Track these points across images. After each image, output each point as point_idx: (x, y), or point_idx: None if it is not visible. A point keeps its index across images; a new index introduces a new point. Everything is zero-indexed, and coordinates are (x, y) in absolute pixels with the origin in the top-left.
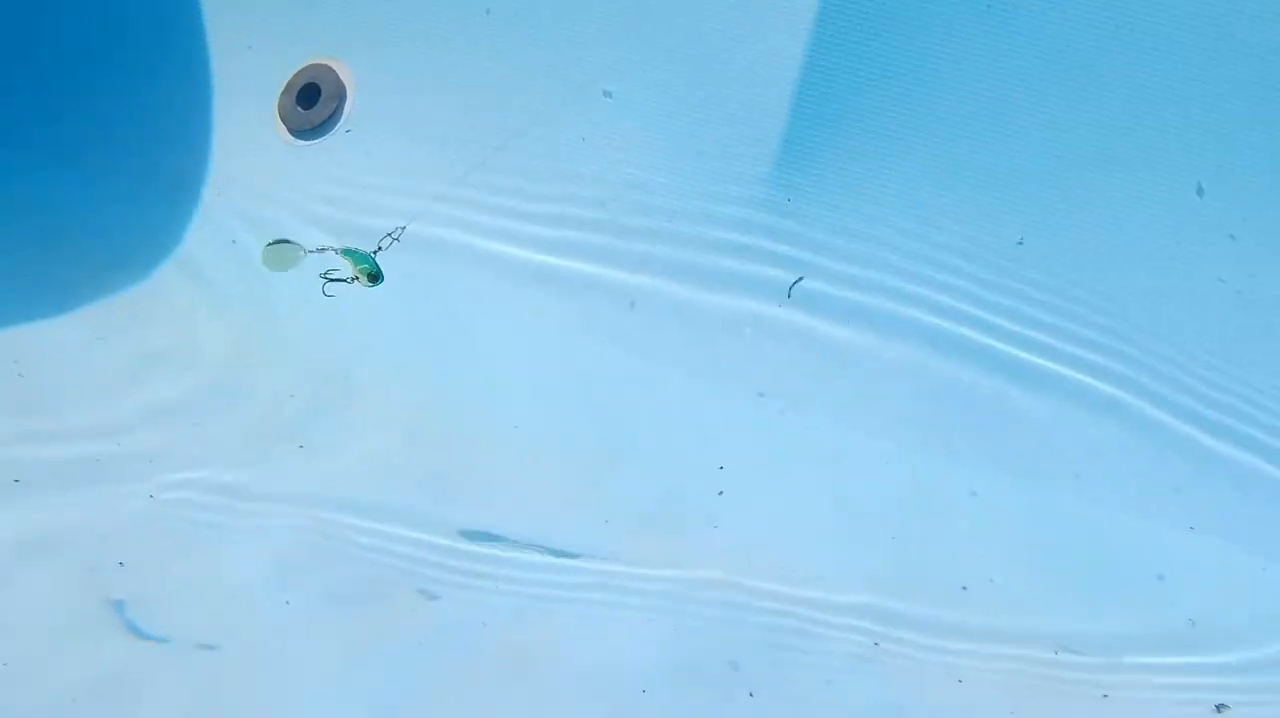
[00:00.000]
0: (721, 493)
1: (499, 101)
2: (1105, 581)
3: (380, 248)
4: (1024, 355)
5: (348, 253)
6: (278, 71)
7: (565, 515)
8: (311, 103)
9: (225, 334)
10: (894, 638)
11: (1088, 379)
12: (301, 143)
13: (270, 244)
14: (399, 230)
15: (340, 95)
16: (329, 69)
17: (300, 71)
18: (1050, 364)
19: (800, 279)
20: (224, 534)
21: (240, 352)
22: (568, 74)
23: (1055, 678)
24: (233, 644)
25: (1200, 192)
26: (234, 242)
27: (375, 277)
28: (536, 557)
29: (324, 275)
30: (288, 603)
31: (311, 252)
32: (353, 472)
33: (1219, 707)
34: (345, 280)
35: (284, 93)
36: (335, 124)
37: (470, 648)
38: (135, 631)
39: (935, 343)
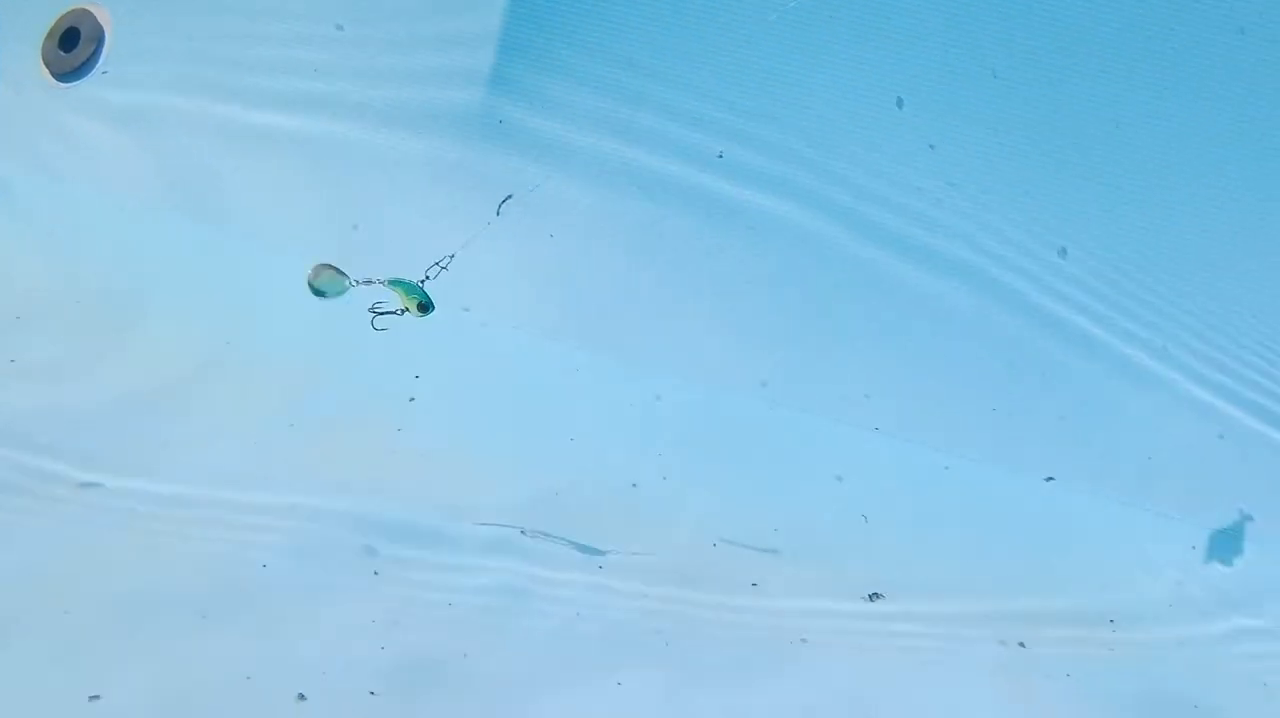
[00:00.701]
0: (413, 399)
1: (245, 34)
2: (783, 479)
3: (427, 277)
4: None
5: (395, 284)
6: (41, 17)
7: (249, 427)
8: (71, 46)
9: None
10: (543, 530)
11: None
12: (63, 85)
13: (320, 264)
14: (447, 259)
15: (98, 38)
16: (87, 13)
17: (63, 16)
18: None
19: (509, 197)
20: None
21: None
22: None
23: (707, 567)
24: None
25: (900, 104)
26: None
27: (425, 306)
28: (189, 458)
29: (372, 309)
30: None
31: (358, 283)
32: (46, 384)
33: (872, 596)
34: (395, 313)
35: (47, 37)
36: (93, 66)
37: (113, 531)
38: None
39: (634, 252)
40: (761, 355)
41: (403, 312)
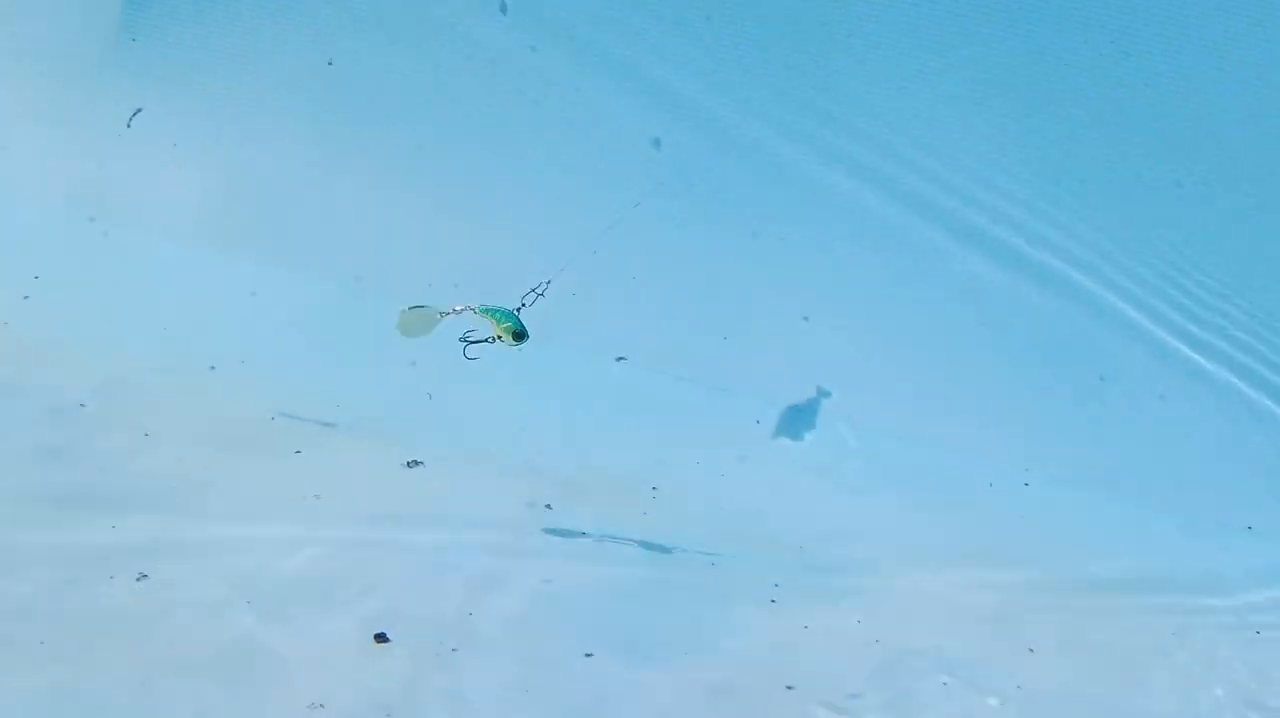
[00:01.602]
0: (27, 298)
1: None
2: (360, 362)
3: (524, 304)
4: None
5: (487, 311)
6: None
7: None
8: None
9: None
10: (106, 404)
11: None
12: None
13: (406, 309)
14: (543, 285)
15: None
16: None
17: None
18: None
19: (139, 111)
20: None
21: None
22: None
23: (254, 437)
24: None
25: (504, 9)
26: None
27: (520, 334)
28: None
29: (463, 338)
30: None
31: (446, 313)
32: None
33: (411, 463)
34: (487, 340)
35: None
36: None
37: None
38: None
39: (246, 158)
40: (358, 249)
41: (495, 339)
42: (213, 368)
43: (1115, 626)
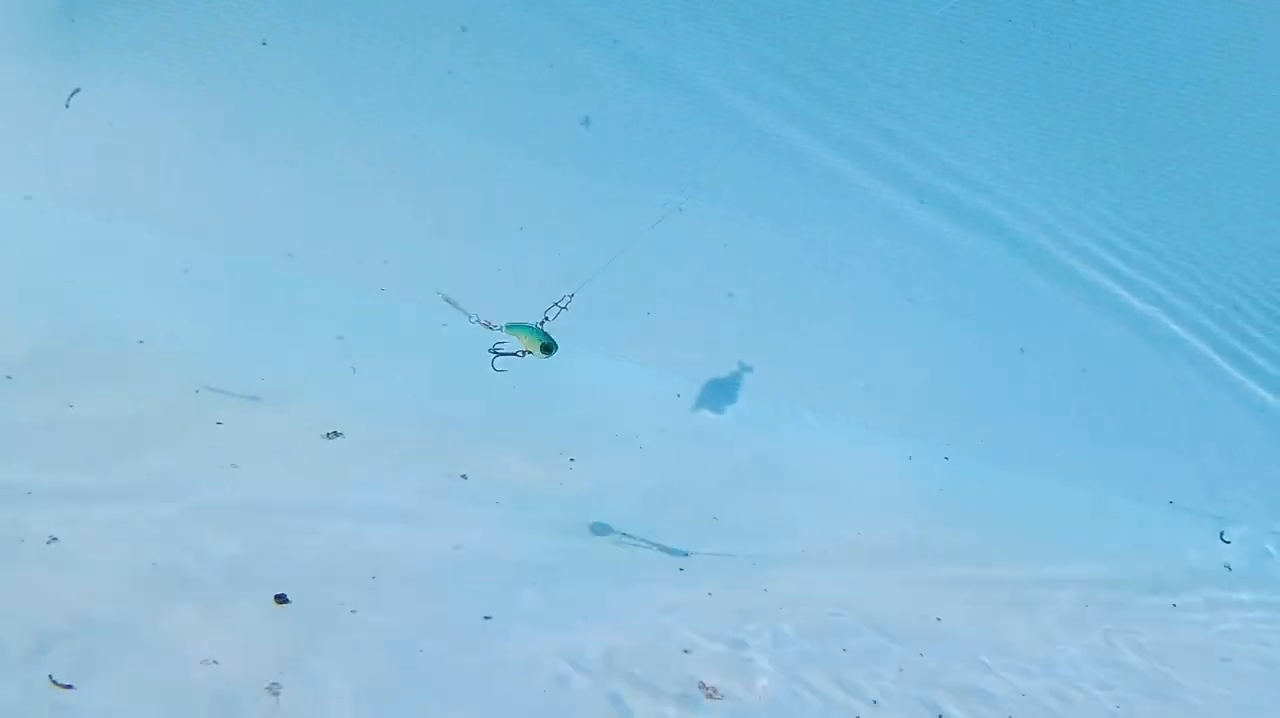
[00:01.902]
0: None
1: None
2: (288, 337)
3: (546, 318)
4: None
5: (513, 328)
6: None
7: None
8: None
9: None
10: (37, 376)
11: None
12: None
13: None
14: (566, 299)
15: None
16: None
17: None
18: None
19: (77, 90)
20: None
21: None
22: None
23: (177, 411)
24: None
25: None
26: None
27: (549, 347)
28: None
29: (492, 350)
30: None
31: (473, 319)
32: None
33: (330, 434)
34: (516, 354)
35: None
36: None
37: None
38: None
39: (182, 136)
40: (291, 226)
41: (524, 353)
42: (141, 342)
43: (1032, 600)
